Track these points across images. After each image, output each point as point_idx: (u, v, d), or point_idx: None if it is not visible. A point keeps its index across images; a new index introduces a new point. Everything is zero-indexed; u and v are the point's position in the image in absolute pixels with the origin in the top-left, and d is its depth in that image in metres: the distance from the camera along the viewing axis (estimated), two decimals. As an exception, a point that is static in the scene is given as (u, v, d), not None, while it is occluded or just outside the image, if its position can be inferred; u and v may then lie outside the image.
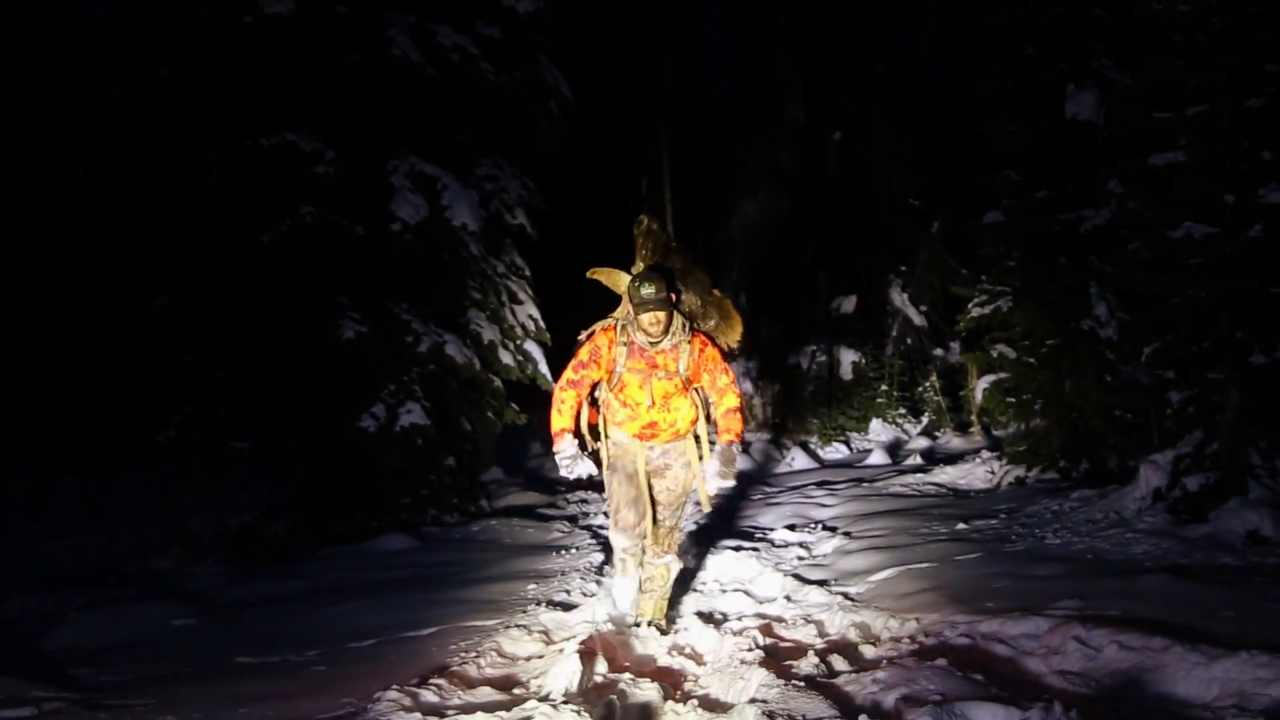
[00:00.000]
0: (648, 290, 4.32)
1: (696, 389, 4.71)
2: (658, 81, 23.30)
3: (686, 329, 4.54)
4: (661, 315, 4.39)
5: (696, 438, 4.80)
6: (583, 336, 4.73)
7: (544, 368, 9.30)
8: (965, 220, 9.03)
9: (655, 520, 4.74)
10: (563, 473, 4.51)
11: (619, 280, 4.82)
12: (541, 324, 9.52)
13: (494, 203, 9.12)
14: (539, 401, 10.99)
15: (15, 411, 16.10)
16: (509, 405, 9.28)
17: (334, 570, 6.76)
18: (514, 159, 9.60)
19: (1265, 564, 4.99)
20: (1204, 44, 6.05)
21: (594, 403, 4.81)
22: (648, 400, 4.54)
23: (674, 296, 4.48)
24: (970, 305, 8.94)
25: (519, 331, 9.32)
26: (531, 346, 9.37)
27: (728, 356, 4.76)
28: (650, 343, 4.46)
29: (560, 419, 4.54)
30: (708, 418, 4.81)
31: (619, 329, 4.56)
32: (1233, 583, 4.57)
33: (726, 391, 4.59)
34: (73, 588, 6.71)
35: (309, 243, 8.08)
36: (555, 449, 4.52)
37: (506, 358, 9.06)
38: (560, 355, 10.76)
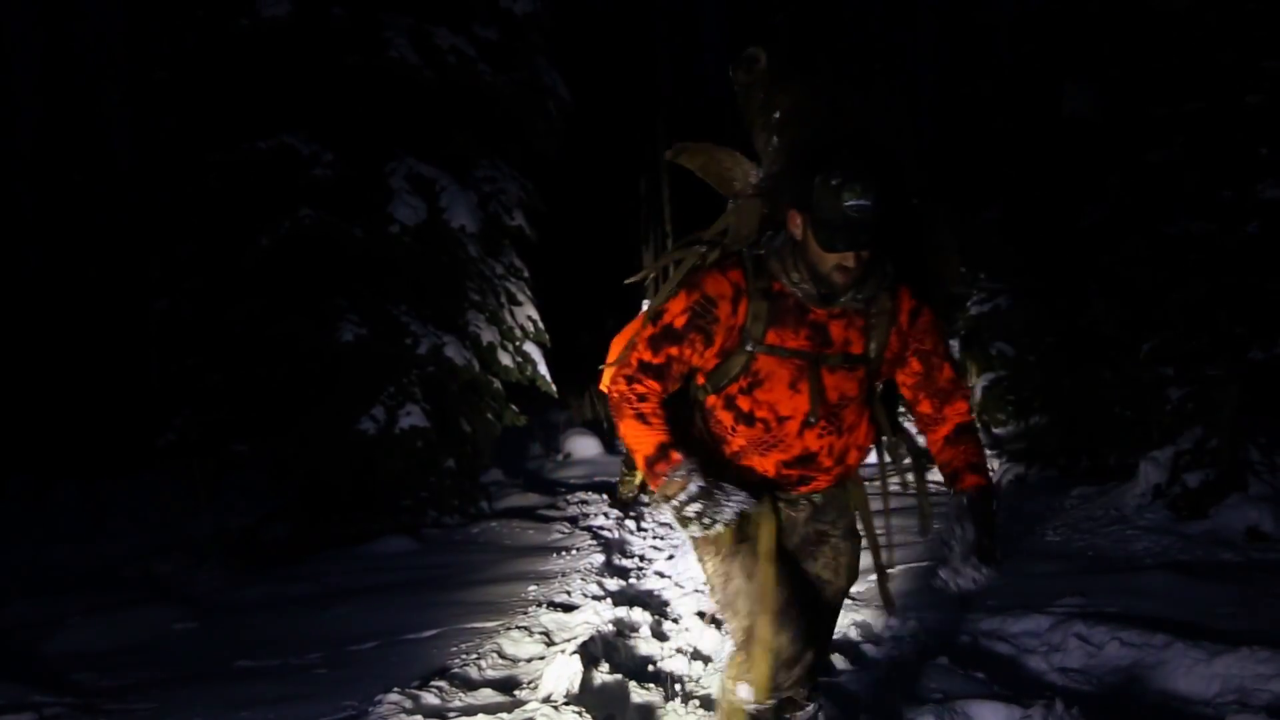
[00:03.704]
0: (854, 197, 2.08)
1: (881, 389, 2.55)
2: (656, 82, 23.32)
3: (890, 275, 2.34)
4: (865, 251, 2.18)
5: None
6: (666, 285, 2.53)
7: (543, 369, 9.29)
8: (963, 218, 9.03)
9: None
10: (691, 528, 2.27)
11: (733, 168, 2.63)
12: (540, 325, 9.51)
13: (492, 204, 9.11)
14: (538, 402, 11.05)
15: (15, 415, 16.08)
16: (509, 406, 9.28)
17: (334, 573, 6.76)
18: (512, 160, 9.59)
19: (1265, 560, 4.99)
20: (1201, 40, 6.05)
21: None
22: (809, 412, 2.35)
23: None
24: (969, 303, 8.95)
25: (518, 333, 9.32)
26: (531, 348, 9.36)
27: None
28: (823, 298, 2.28)
29: (651, 430, 2.30)
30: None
31: (751, 267, 2.33)
32: (1233, 579, 4.58)
33: (954, 392, 2.44)
34: (73, 592, 6.70)
35: (307, 245, 8.07)
36: (662, 484, 2.27)
37: (506, 359, 9.06)
38: (561, 357, 10.79)
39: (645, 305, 8.67)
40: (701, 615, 4.92)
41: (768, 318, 2.29)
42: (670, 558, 6.65)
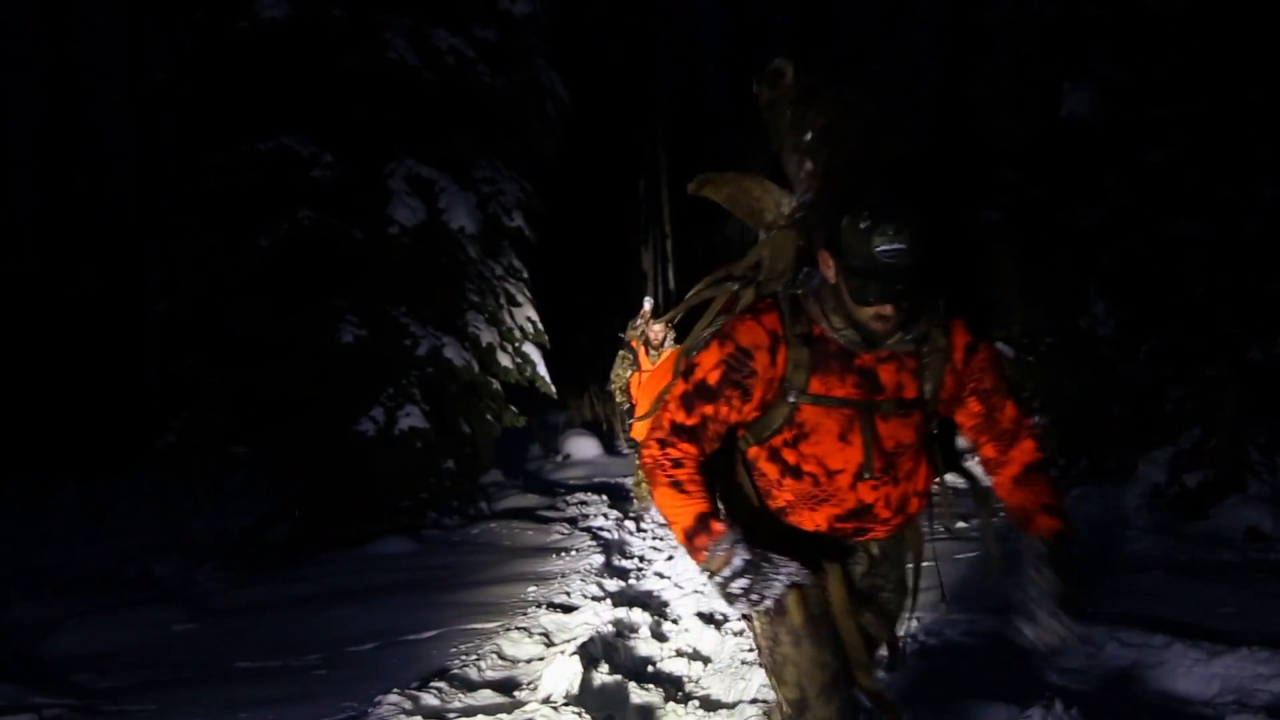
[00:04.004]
0: (887, 241, 1.87)
1: (941, 430, 2.33)
2: (655, 83, 23.34)
3: (941, 310, 2.11)
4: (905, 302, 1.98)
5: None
6: (697, 329, 2.35)
7: (542, 370, 9.29)
8: (962, 219, 9.01)
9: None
10: (738, 605, 2.06)
11: (762, 198, 2.41)
12: (540, 326, 9.51)
13: (492, 205, 9.12)
14: (538, 403, 11.04)
15: (15, 417, 16.09)
16: (508, 408, 9.28)
17: (334, 574, 6.76)
18: (511, 161, 9.60)
19: (1265, 560, 4.99)
20: (1200, 40, 6.05)
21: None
22: (863, 465, 2.14)
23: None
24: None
25: (517, 334, 9.32)
26: (530, 349, 9.36)
27: None
28: (868, 341, 2.06)
29: (688, 499, 2.08)
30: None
31: (787, 311, 2.10)
32: (1232, 579, 4.58)
33: (1019, 432, 2.25)
34: (73, 593, 6.70)
35: (307, 246, 8.08)
36: (704, 559, 2.05)
37: (505, 360, 9.06)
38: (560, 358, 10.79)
39: (646, 303, 8.57)
40: (701, 616, 4.93)
41: (810, 365, 2.07)
42: (670, 558, 6.66)
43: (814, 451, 2.13)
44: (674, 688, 3.94)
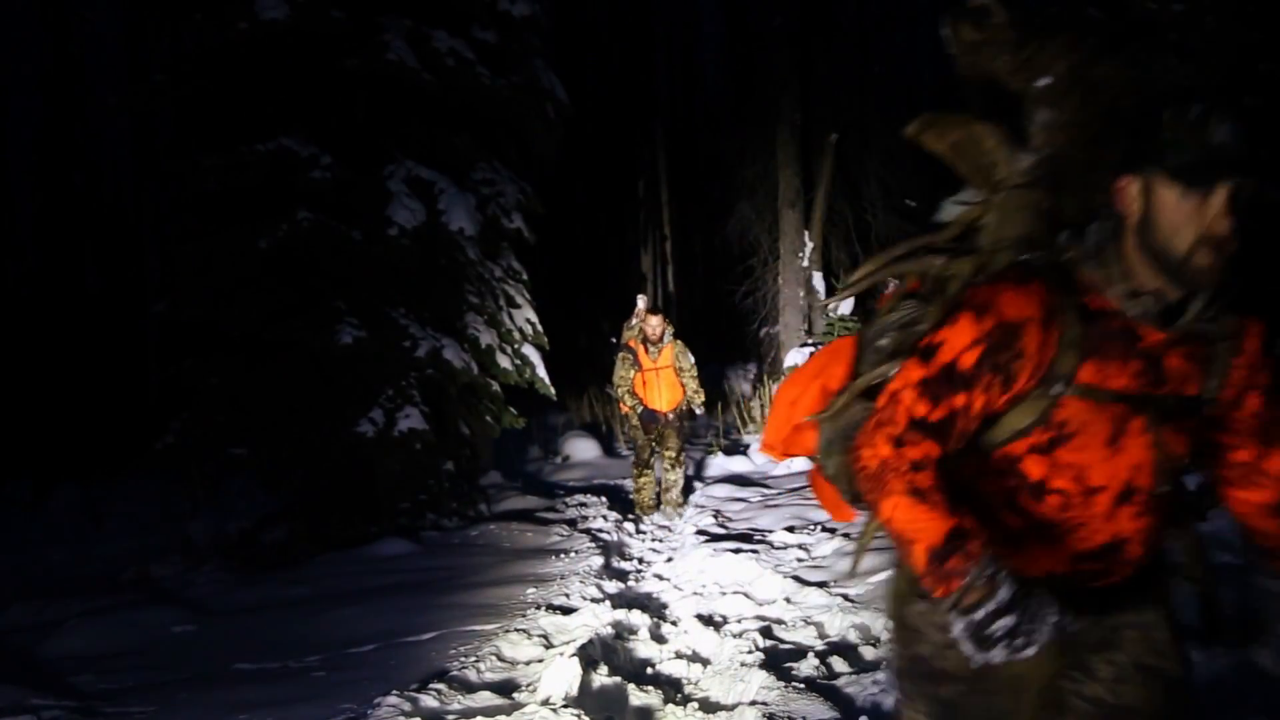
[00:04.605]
0: (1225, 123, 1.63)
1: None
2: (654, 85, 23.38)
3: (1236, 287, 1.80)
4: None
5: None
6: (887, 316, 1.97)
7: (542, 371, 9.29)
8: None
9: None
10: (994, 652, 1.50)
11: (994, 150, 1.92)
12: (539, 328, 9.51)
13: (491, 207, 9.12)
14: (537, 404, 11.04)
15: (14, 418, 16.10)
16: (507, 409, 9.28)
17: (333, 576, 6.76)
18: (511, 163, 9.61)
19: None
20: (1198, 44, 6.06)
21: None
22: (1140, 481, 1.73)
23: None
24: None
25: (517, 335, 9.32)
26: (529, 350, 9.37)
27: None
28: (1165, 314, 1.66)
29: (934, 511, 1.55)
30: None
31: (1053, 278, 1.64)
32: (1232, 581, 4.58)
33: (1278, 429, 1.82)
34: (72, 595, 6.70)
35: (306, 248, 8.08)
36: (957, 588, 1.51)
37: (504, 362, 9.06)
38: (559, 359, 10.77)
39: (640, 300, 8.54)
40: (700, 618, 4.93)
41: (1084, 347, 1.60)
42: (669, 560, 6.65)
43: (1074, 460, 1.65)
44: (673, 690, 3.94)
